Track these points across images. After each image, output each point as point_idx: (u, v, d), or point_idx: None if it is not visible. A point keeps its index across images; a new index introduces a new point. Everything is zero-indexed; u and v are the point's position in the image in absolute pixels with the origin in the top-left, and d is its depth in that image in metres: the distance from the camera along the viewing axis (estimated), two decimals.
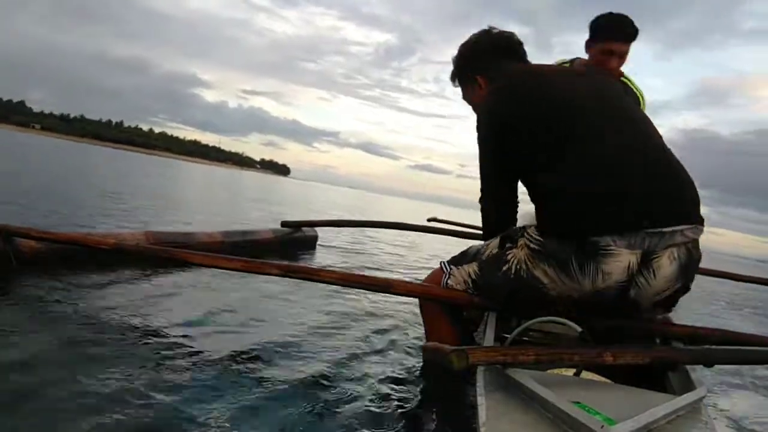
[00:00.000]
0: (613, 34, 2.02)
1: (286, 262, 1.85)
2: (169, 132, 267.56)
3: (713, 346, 1.36)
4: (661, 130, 1.47)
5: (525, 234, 1.44)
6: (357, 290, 2.91)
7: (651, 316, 1.44)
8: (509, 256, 1.44)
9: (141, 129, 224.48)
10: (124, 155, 41.47)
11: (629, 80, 2.38)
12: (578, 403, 0.87)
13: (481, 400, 0.93)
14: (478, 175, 1.60)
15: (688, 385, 1.15)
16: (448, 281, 1.56)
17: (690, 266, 1.31)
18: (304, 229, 4.60)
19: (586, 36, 2.19)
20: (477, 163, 1.58)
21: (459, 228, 4.28)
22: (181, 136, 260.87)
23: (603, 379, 1.15)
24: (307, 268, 1.86)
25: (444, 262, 1.63)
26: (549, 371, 1.09)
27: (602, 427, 0.78)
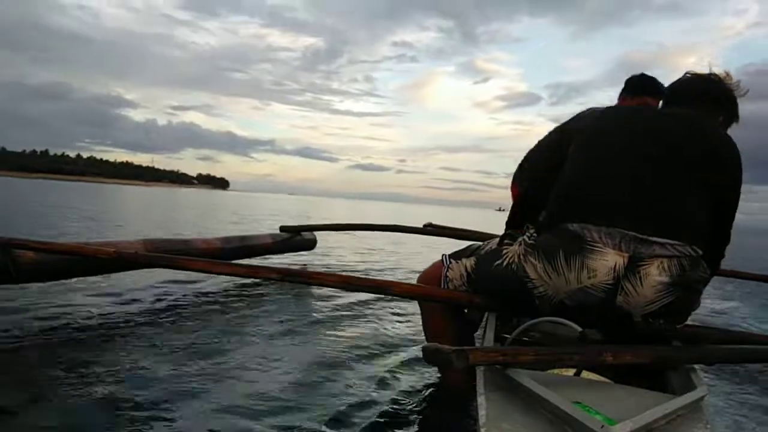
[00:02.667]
0: (649, 90, 2.36)
1: (284, 267, 1.85)
2: (98, 156, 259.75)
3: (713, 346, 1.36)
4: (582, 108, 1.70)
5: (526, 232, 1.46)
6: (355, 292, 2.91)
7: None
8: (504, 252, 1.45)
9: (68, 156, 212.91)
10: (53, 185, 39.37)
11: None
12: (578, 403, 0.87)
13: (481, 400, 0.92)
14: (419, 169, 1.71)
15: (689, 385, 1.14)
16: (447, 273, 1.58)
17: (685, 283, 1.27)
18: (302, 233, 4.60)
19: (514, 25, 2.35)
20: (417, 157, 1.70)
21: (454, 231, 4.29)
22: (112, 159, 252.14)
23: (603, 379, 1.14)
24: (306, 272, 1.86)
25: (445, 255, 1.65)
26: (549, 371, 1.09)
27: (602, 427, 0.78)
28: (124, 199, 21.24)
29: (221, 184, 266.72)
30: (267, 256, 4.23)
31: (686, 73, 1.64)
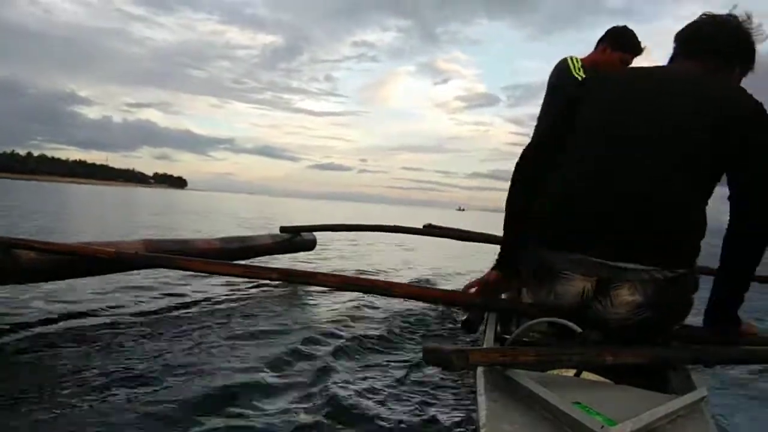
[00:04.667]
0: (637, 50, 2.43)
1: (285, 267, 1.85)
2: (50, 154, 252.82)
3: (714, 346, 1.35)
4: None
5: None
6: (354, 293, 2.91)
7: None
8: None
9: (18, 154, 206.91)
10: (1, 183, 38.59)
11: None
12: (578, 403, 0.87)
13: (481, 401, 0.93)
14: (380, 168, 1.63)
15: (689, 385, 1.14)
16: None
17: (660, 303, 1.25)
18: (302, 233, 4.60)
19: (473, 27, 2.34)
20: (378, 156, 1.62)
21: (454, 232, 4.30)
22: (64, 157, 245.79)
23: (603, 379, 1.14)
24: (306, 272, 1.86)
25: None
26: (549, 372, 1.09)
27: (602, 427, 0.78)
28: (73, 198, 20.66)
29: (178, 183, 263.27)
30: (267, 257, 4.23)
31: (702, 14, 1.48)
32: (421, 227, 4.63)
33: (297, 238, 4.52)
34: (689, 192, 1.25)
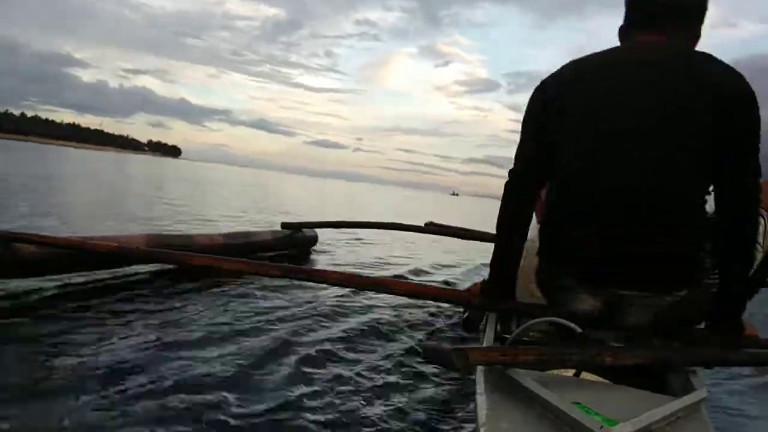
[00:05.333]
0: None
1: (286, 263, 1.86)
2: (44, 116, 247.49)
3: (714, 348, 1.35)
4: None
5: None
6: (355, 290, 2.92)
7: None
8: None
9: (12, 114, 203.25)
10: None
11: None
12: (578, 403, 0.87)
13: (480, 401, 0.93)
14: (376, 149, 1.57)
15: (688, 387, 1.14)
16: None
17: (666, 322, 1.27)
18: (303, 230, 4.61)
19: (476, 10, 2.18)
20: (375, 136, 1.56)
21: (455, 231, 4.30)
22: (58, 120, 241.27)
23: (603, 379, 1.14)
24: (307, 269, 1.87)
25: None
26: (549, 371, 1.09)
27: (602, 427, 0.79)
28: (67, 163, 19.64)
29: (173, 151, 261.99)
30: (268, 253, 4.24)
31: None
32: (423, 225, 4.64)
33: (298, 234, 4.53)
34: (690, 211, 1.24)
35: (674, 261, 1.23)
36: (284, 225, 4.50)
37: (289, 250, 4.56)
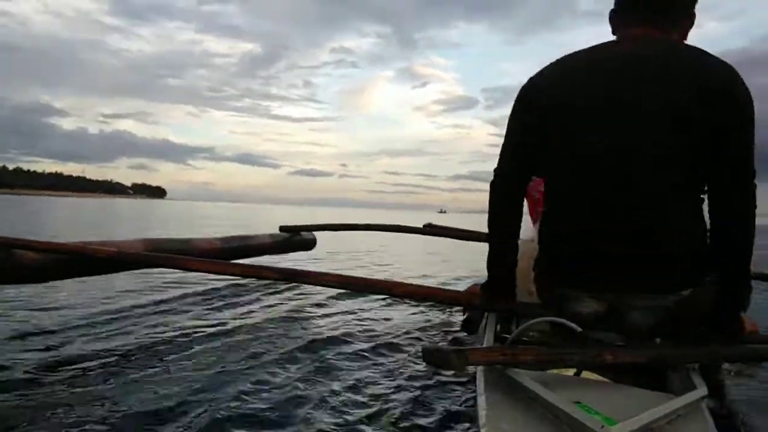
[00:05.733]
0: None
1: (284, 266, 1.85)
2: (26, 167, 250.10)
3: (714, 345, 1.35)
4: None
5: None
6: (353, 292, 2.92)
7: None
8: None
9: None
10: None
11: None
12: (578, 403, 0.87)
13: (481, 401, 0.93)
14: (361, 173, 1.58)
15: (689, 385, 1.14)
16: None
17: (672, 320, 1.25)
18: (302, 233, 4.60)
19: (451, 30, 2.17)
20: (359, 161, 1.57)
21: (454, 232, 4.30)
22: (40, 170, 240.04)
23: (603, 379, 1.15)
24: (305, 272, 1.86)
25: None
26: (549, 371, 1.09)
27: (602, 427, 0.79)
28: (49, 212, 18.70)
29: (158, 193, 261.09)
30: (267, 256, 4.23)
31: None
32: (422, 227, 4.64)
33: (297, 238, 4.52)
34: (682, 198, 1.22)
35: (673, 260, 1.22)
36: (282, 228, 4.50)
37: (288, 253, 4.55)
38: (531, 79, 1.37)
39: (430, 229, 4.56)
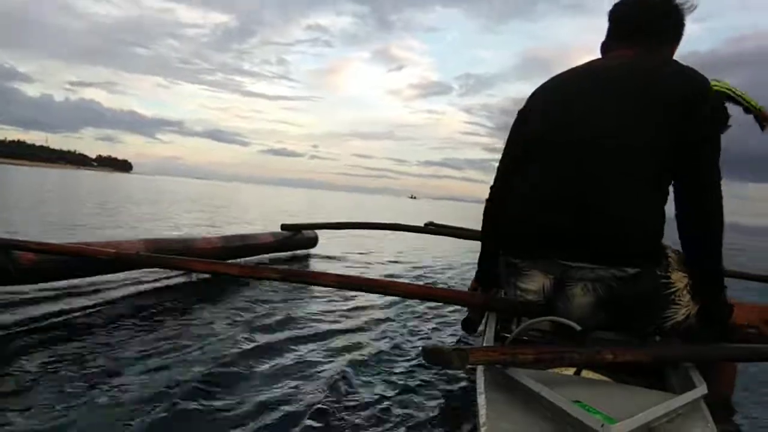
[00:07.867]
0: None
1: (285, 267, 1.86)
2: None
3: (713, 344, 1.35)
4: (495, 101, 1.55)
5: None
6: (354, 292, 2.92)
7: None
8: None
9: None
10: None
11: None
12: (578, 402, 0.88)
13: (481, 400, 0.93)
14: (331, 155, 1.71)
15: (689, 384, 1.15)
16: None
17: (616, 299, 1.27)
18: (303, 231, 4.61)
19: (428, 14, 2.18)
20: (330, 143, 1.68)
21: (455, 231, 4.30)
22: (2, 137, 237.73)
23: (603, 378, 1.15)
24: (306, 272, 1.87)
25: None
26: (549, 370, 1.09)
27: (602, 426, 0.79)
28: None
29: (123, 166, 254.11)
30: (268, 254, 4.24)
31: None
32: (423, 225, 4.65)
33: (298, 236, 4.53)
34: (637, 189, 1.26)
35: (618, 240, 1.26)
36: (284, 227, 4.51)
37: (289, 251, 4.56)
38: (532, 93, 1.54)
39: (430, 228, 4.57)
